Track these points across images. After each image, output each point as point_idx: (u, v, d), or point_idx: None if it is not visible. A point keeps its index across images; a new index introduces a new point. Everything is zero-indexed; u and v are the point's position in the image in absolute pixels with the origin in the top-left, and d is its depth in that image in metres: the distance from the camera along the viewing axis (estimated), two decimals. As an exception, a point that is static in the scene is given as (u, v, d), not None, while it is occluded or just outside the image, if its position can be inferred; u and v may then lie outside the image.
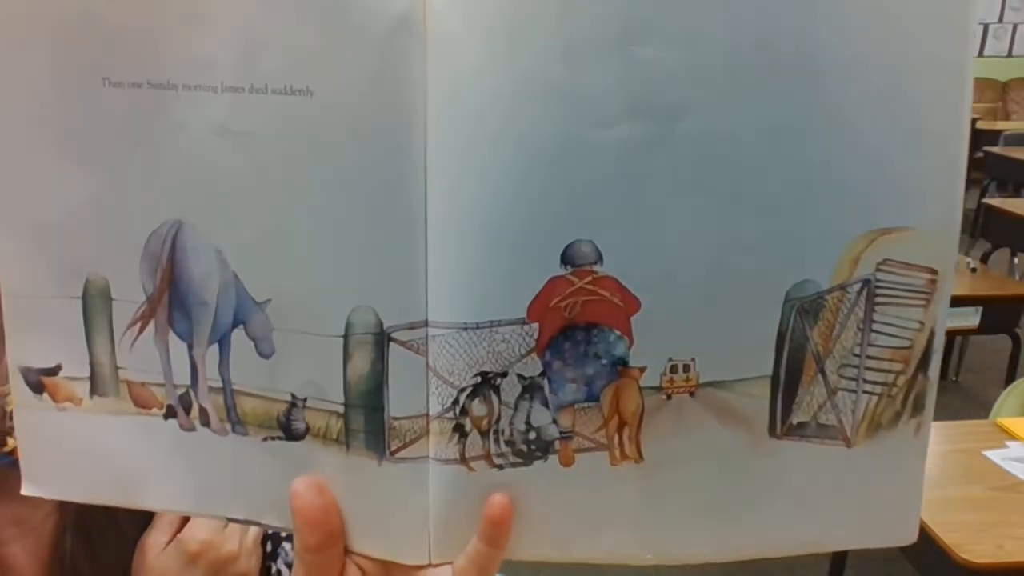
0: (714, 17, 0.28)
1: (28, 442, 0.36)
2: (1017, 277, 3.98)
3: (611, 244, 0.30)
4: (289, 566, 0.68)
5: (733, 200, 0.30)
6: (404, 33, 0.28)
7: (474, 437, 0.33)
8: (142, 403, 0.34)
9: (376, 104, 0.29)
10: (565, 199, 0.30)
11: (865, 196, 0.30)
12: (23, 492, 0.36)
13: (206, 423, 0.34)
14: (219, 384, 0.33)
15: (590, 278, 0.30)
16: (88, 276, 0.33)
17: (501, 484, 0.33)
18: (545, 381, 0.32)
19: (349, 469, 0.33)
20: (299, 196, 0.31)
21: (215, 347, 0.33)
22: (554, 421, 0.33)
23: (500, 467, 0.33)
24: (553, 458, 0.33)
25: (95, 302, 0.34)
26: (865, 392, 0.33)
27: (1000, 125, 6.15)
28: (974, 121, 5.83)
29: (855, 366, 0.32)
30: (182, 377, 0.34)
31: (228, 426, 0.34)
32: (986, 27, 7.75)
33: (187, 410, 0.34)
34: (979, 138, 5.63)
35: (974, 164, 5.90)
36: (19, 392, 0.35)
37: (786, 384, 0.32)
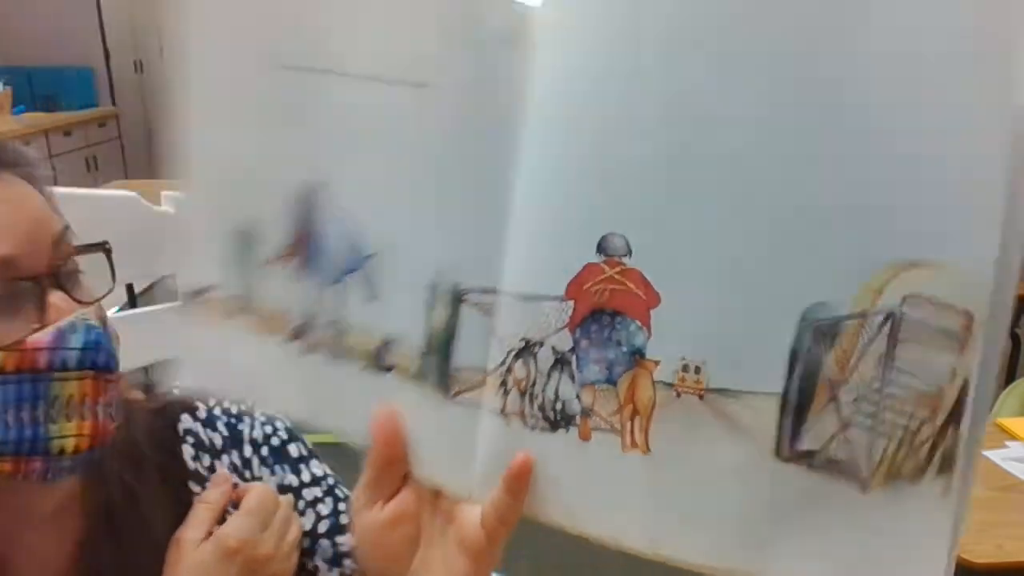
0: (759, 38, 0.29)
1: (185, 346, 0.46)
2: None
3: (641, 239, 0.33)
4: (327, 562, 0.69)
5: (754, 213, 0.31)
6: (509, 46, 0.34)
7: (514, 395, 0.37)
8: (272, 327, 0.43)
9: (478, 102, 0.35)
10: (608, 195, 0.33)
11: (891, 224, 0.29)
12: (177, 383, 0.46)
13: (319, 350, 0.42)
14: (333, 319, 0.41)
15: (619, 268, 0.33)
16: (246, 218, 0.42)
17: (530, 442, 0.37)
18: (574, 358, 0.36)
19: (419, 403, 0.39)
20: (410, 172, 0.38)
21: (333, 288, 0.41)
22: (577, 397, 0.36)
23: (532, 428, 0.37)
24: (574, 430, 0.36)
25: (248, 239, 0.42)
26: (883, 434, 0.31)
27: (1000, 125, 6.14)
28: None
29: (873, 402, 0.31)
30: (306, 309, 0.42)
31: (336, 354, 0.41)
32: (986, 27, 7.75)
33: (306, 337, 0.42)
34: (979, 138, 5.62)
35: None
36: (183, 305, 0.45)
37: (796, 405, 0.32)
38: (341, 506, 0.71)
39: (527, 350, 0.36)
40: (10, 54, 5.49)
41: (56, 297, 0.52)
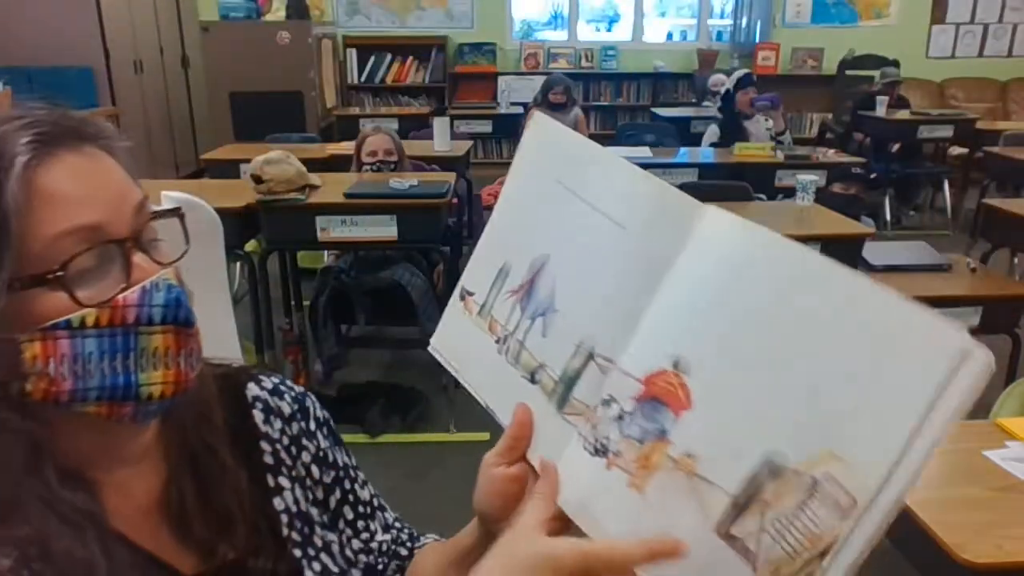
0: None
1: (447, 324, 0.70)
2: (1017, 277, 3.98)
3: (699, 369, 0.50)
4: (383, 528, 0.82)
5: (765, 389, 0.47)
6: (682, 231, 0.53)
7: (589, 426, 0.56)
8: (492, 329, 0.65)
9: (648, 250, 0.55)
10: (691, 337, 0.52)
11: (836, 430, 0.45)
12: (431, 347, 0.70)
13: (507, 354, 0.63)
14: (520, 339, 0.62)
15: (678, 379, 0.51)
16: (507, 262, 0.65)
17: (583, 456, 0.56)
18: (628, 418, 0.53)
19: (543, 410, 0.60)
20: (593, 271, 0.59)
21: (528, 320, 0.62)
22: (616, 441, 0.54)
23: (586, 448, 0.56)
24: (604, 460, 0.54)
25: (503, 274, 0.65)
26: (780, 546, 0.46)
27: (1000, 125, 6.13)
28: (974, 121, 5.84)
29: (784, 525, 0.46)
30: (511, 327, 0.63)
31: (514, 361, 0.63)
32: (986, 27, 7.74)
33: (505, 343, 0.64)
34: (979, 138, 5.61)
35: (974, 164, 5.90)
36: (455, 300, 0.69)
37: (737, 506, 0.47)
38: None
39: (607, 402, 0.55)
40: (10, 54, 5.48)
41: (139, 258, 0.58)
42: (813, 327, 0.46)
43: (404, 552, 0.82)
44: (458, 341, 0.68)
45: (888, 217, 5.70)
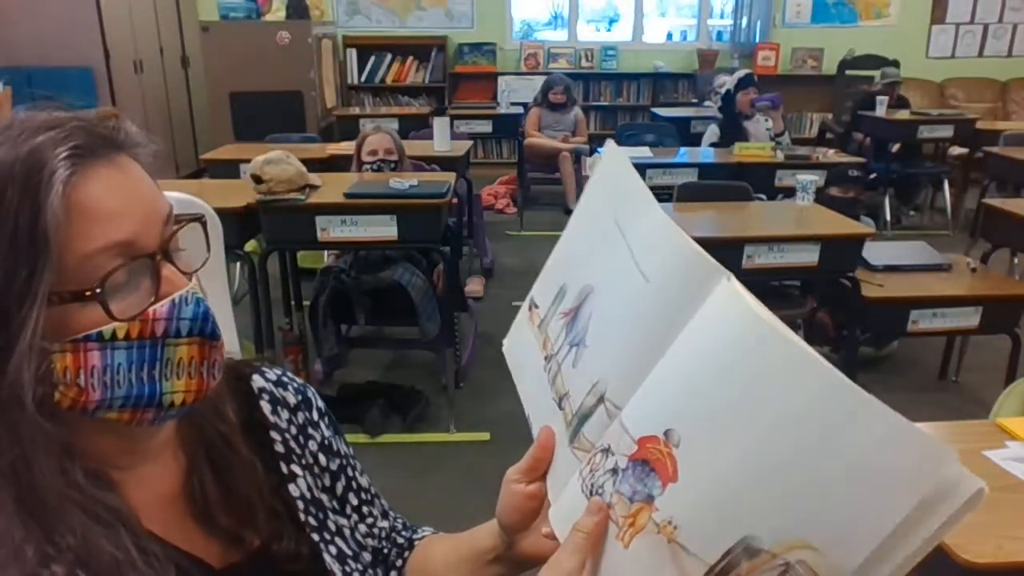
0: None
1: (517, 329, 0.75)
2: (1017, 277, 3.98)
3: (688, 447, 0.51)
4: (381, 514, 0.85)
5: (746, 478, 0.48)
6: (701, 295, 0.53)
7: (589, 469, 0.58)
8: (544, 346, 0.68)
9: (666, 304, 0.56)
10: (686, 410, 0.52)
11: (814, 524, 0.46)
12: (505, 341, 0.75)
13: (549, 373, 0.66)
14: (559, 362, 0.65)
15: (668, 449, 0.52)
16: (564, 284, 0.68)
17: (577, 498, 0.58)
18: (621, 474, 0.55)
19: (560, 438, 0.64)
20: (618, 315, 0.60)
21: (568, 347, 0.64)
22: (610, 493, 0.55)
23: (582, 491, 0.58)
24: None
25: (560, 296, 0.68)
26: None
27: (1000, 125, 6.12)
28: (974, 121, 5.84)
29: None
30: (555, 349, 0.66)
31: (551, 382, 0.66)
32: (986, 27, 7.73)
33: (548, 362, 0.67)
34: (979, 138, 5.61)
35: (974, 164, 5.90)
36: (525, 307, 0.73)
37: (712, 574, 0.49)
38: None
39: (605, 451, 0.57)
40: (10, 54, 5.49)
41: (168, 270, 0.59)
42: (801, 425, 0.46)
43: (401, 540, 0.85)
44: (520, 350, 0.73)
45: (888, 217, 5.70)
